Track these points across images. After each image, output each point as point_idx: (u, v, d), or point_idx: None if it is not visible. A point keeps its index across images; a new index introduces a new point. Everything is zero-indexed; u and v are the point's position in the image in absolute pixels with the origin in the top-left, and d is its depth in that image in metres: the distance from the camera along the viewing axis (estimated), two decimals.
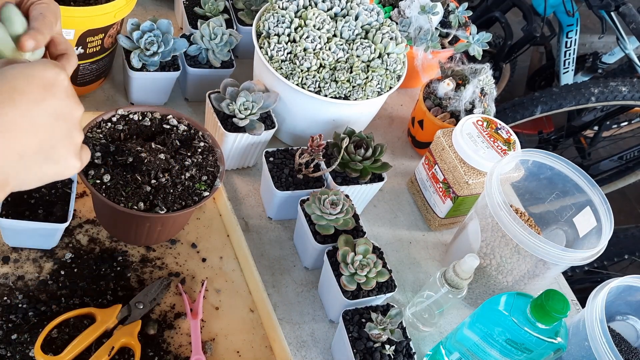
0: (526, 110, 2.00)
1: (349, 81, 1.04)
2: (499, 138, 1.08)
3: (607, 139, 2.60)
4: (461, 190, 1.07)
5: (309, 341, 0.93)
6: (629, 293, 0.99)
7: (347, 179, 1.03)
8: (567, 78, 2.48)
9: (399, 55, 1.11)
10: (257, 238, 1.03)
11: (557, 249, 0.89)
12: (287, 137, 1.16)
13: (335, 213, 0.93)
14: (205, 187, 0.88)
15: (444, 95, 1.22)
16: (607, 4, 1.97)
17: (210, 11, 1.19)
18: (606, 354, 0.84)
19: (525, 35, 2.21)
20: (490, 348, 0.82)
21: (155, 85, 1.09)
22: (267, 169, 1.00)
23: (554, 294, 0.75)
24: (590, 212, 1.00)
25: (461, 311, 1.06)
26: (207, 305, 0.91)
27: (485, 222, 0.97)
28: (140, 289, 0.89)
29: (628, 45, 2.20)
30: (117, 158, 0.85)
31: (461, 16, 1.39)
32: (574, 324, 0.95)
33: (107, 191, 0.82)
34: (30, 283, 0.85)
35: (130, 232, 0.89)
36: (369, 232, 1.11)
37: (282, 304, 0.96)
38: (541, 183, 1.06)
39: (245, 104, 1.00)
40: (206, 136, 0.94)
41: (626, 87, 2.03)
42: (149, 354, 0.83)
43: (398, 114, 1.37)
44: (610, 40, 2.84)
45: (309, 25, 1.05)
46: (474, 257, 0.88)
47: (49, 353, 0.78)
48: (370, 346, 0.85)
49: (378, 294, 0.91)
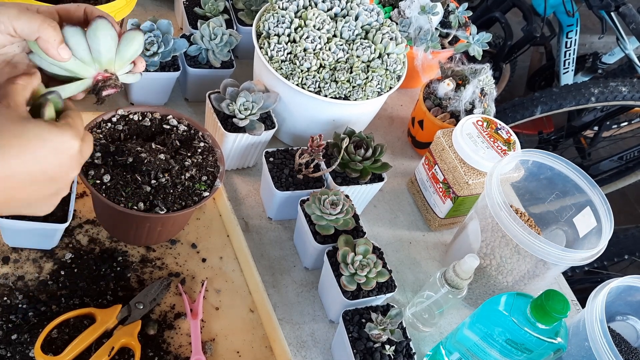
0: (526, 110, 2.00)
1: (349, 81, 1.04)
2: (499, 138, 1.08)
3: (607, 139, 2.61)
4: (461, 190, 1.07)
5: (309, 341, 0.93)
6: (629, 293, 0.99)
7: (347, 179, 1.03)
8: (567, 78, 2.48)
9: (399, 56, 1.11)
10: (257, 238, 1.03)
11: (557, 249, 0.89)
12: (287, 137, 1.16)
13: (335, 213, 0.93)
14: (205, 187, 0.88)
15: (444, 95, 1.22)
16: (607, 4, 1.97)
17: (210, 11, 1.19)
18: (606, 354, 0.84)
19: (525, 36, 2.21)
20: (490, 348, 0.82)
21: (155, 85, 1.09)
22: (267, 169, 1.00)
23: (554, 294, 0.75)
24: (590, 212, 1.00)
25: (461, 311, 1.06)
26: (207, 306, 0.91)
27: (485, 222, 0.97)
28: (140, 289, 0.89)
29: (628, 45, 2.20)
30: (117, 158, 0.85)
31: (461, 16, 1.39)
32: (574, 324, 0.95)
33: (107, 191, 0.82)
34: (30, 283, 0.85)
35: (130, 233, 0.89)
36: (369, 232, 1.11)
37: (282, 304, 0.96)
38: (541, 183, 1.06)
39: (245, 104, 1.00)
40: (206, 136, 0.94)
41: (626, 87, 2.03)
42: (149, 354, 0.83)
43: (398, 114, 1.37)
44: (610, 40, 2.85)
45: (309, 26, 1.05)
46: (474, 257, 0.88)
47: (49, 353, 0.78)
48: (370, 346, 0.85)
49: (378, 294, 0.91)
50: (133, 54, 0.66)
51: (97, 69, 0.64)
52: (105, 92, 0.65)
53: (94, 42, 0.62)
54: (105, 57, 0.63)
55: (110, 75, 0.65)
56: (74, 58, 0.62)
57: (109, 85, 0.65)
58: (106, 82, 0.64)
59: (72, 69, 0.62)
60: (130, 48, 0.65)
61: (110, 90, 0.65)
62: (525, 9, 2.22)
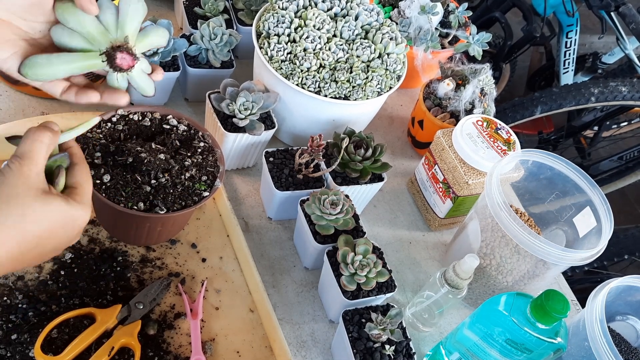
0: (526, 110, 2.00)
1: (349, 81, 1.04)
2: (499, 138, 1.08)
3: (607, 139, 2.61)
4: (461, 190, 1.07)
5: (309, 341, 0.93)
6: (629, 293, 0.99)
7: (347, 179, 1.03)
8: (567, 78, 2.48)
9: (399, 56, 1.11)
10: (257, 238, 1.03)
11: (557, 249, 0.89)
12: (287, 137, 1.16)
13: (335, 213, 0.93)
14: (205, 187, 0.88)
15: (444, 95, 1.22)
16: (607, 4, 1.97)
17: (210, 11, 1.19)
18: (606, 354, 0.84)
19: (525, 35, 2.21)
20: (490, 348, 0.82)
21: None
22: (267, 169, 1.00)
23: (554, 294, 0.75)
24: (590, 212, 1.00)
25: (461, 311, 1.06)
26: (207, 306, 0.91)
27: (485, 222, 0.97)
28: (140, 289, 0.89)
29: (628, 45, 2.20)
30: (117, 158, 0.85)
31: (461, 16, 1.39)
32: (574, 324, 0.95)
33: (107, 191, 0.82)
34: (30, 283, 0.85)
35: (130, 232, 0.89)
36: (369, 232, 1.11)
37: (282, 304, 0.96)
38: (541, 183, 1.06)
39: (245, 104, 1.00)
40: (206, 136, 0.94)
41: (626, 87, 2.03)
42: (149, 354, 0.83)
43: (398, 114, 1.37)
44: (610, 40, 2.85)
45: (309, 26, 1.05)
46: (474, 257, 0.88)
47: (48, 353, 0.78)
48: (370, 346, 0.85)
49: (378, 294, 0.91)
50: (157, 41, 0.65)
51: (118, 38, 0.62)
52: (120, 56, 0.62)
53: (124, 5, 0.61)
54: (131, 25, 0.62)
55: (129, 46, 0.63)
56: (98, 22, 0.61)
57: (126, 50, 0.62)
58: (124, 46, 0.62)
59: (95, 34, 0.61)
60: (156, 34, 0.64)
61: (125, 57, 0.62)
62: (525, 9, 2.22)
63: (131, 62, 0.63)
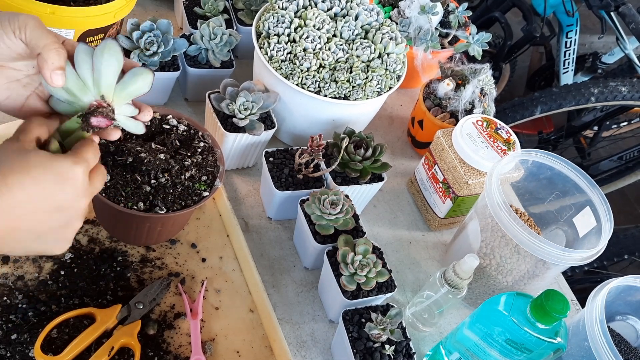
0: (526, 110, 2.00)
1: (349, 81, 1.04)
2: (499, 138, 1.08)
3: (607, 139, 2.61)
4: (461, 190, 1.07)
5: (309, 341, 0.93)
6: (629, 293, 0.99)
7: (347, 179, 1.03)
8: (567, 78, 2.48)
9: (399, 55, 1.11)
10: (257, 238, 1.03)
11: (557, 249, 0.89)
12: (287, 137, 1.16)
13: (335, 213, 0.93)
14: (205, 187, 0.88)
15: (443, 95, 1.22)
16: (607, 4, 1.97)
17: (210, 11, 1.19)
18: (606, 354, 0.84)
19: (525, 35, 2.21)
20: (490, 348, 0.82)
21: (155, 85, 1.07)
22: (267, 169, 1.00)
23: (554, 294, 0.75)
24: (590, 212, 1.00)
25: (461, 311, 1.06)
26: (207, 305, 0.91)
27: (485, 222, 0.97)
28: (140, 289, 0.89)
29: (628, 45, 2.20)
30: (117, 158, 0.85)
31: (461, 16, 1.39)
32: (574, 324, 0.95)
33: (107, 191, 0.82)
34: (30, 283, 0.85)
35: (130, 232, 0.89)
36: (369, 232, 1.11)
37: (282, 304, 0.96)
38: (541, 183, 1.06)
39: (245, 104, 1.00)
40: (206, 136, 0.94)
41: (626, 87, 2.03)
42: (149, 354, 0.83)
43: (398, 114, 1.37)
44: (610, 40, 2.85)
45: (309, 25, 1.05)
46: (474, 257, 0.88)
47: (48, 353, 0.78)
48: (370, 346, 0.85)
49: (378, 294, 0.91)
50: (136, 90, 0.62)
51: (95, 95, 0.61)
52: (95, 119, 0.60)
53: (98, 60, 0.59)
54: (106, 80, 0.60)
55: (106, 104, 0.61)
56: (77, 77, 0.60)
57: (101, 113, 0.60)
58: (98, 109, 0.61)
59: (73, 90, 0.61)
60: (135, 83, 0.61)
61: (101, 120, 0.61)
62: (525, 9, 2.22)
63: (107, 122, 0.62)
